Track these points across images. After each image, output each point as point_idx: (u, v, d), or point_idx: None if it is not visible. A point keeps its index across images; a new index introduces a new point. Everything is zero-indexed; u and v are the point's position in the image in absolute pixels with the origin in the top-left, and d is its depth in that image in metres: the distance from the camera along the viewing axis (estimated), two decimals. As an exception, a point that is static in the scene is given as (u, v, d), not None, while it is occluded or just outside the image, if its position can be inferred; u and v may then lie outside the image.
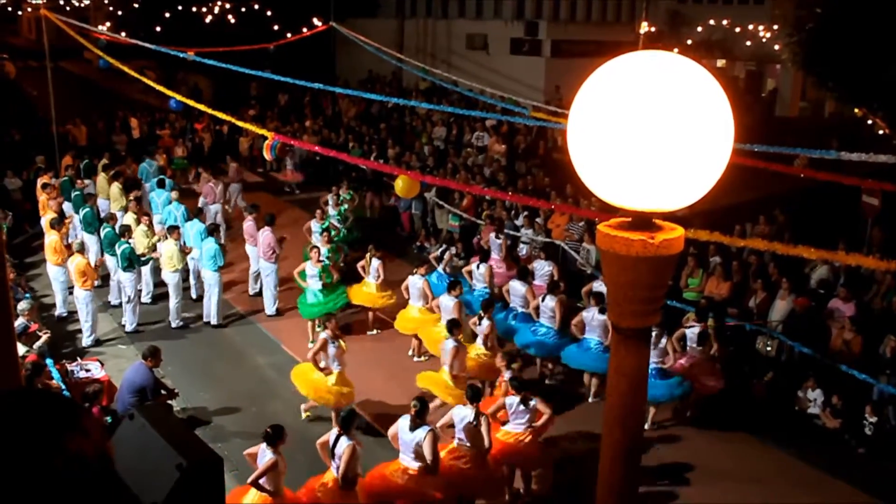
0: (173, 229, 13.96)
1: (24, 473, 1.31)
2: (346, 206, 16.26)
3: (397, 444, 8.43)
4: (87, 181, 17.77)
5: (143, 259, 13.73)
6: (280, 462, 7.71)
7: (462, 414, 8.53)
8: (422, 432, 8.10)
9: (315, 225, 15.01)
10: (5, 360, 3.80)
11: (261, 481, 7.69)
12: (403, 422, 8.33)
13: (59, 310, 14.05)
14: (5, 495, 1.28)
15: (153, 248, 14.03)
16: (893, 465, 10.15)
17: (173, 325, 13.77)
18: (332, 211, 15.74)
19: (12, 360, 3.87)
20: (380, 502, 8.31)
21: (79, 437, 1.42)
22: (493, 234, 14.91)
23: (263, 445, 7.76)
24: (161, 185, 17.04)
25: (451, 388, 10.12)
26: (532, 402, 8.98)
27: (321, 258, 12.97)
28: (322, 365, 10.28)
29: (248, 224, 14.98)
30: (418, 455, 8.18)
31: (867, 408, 10.75)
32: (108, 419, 8.76)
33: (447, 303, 11.65)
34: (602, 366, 11.00)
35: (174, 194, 15.95)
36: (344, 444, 7.86)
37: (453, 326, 10.42)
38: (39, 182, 17.19)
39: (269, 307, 14.43)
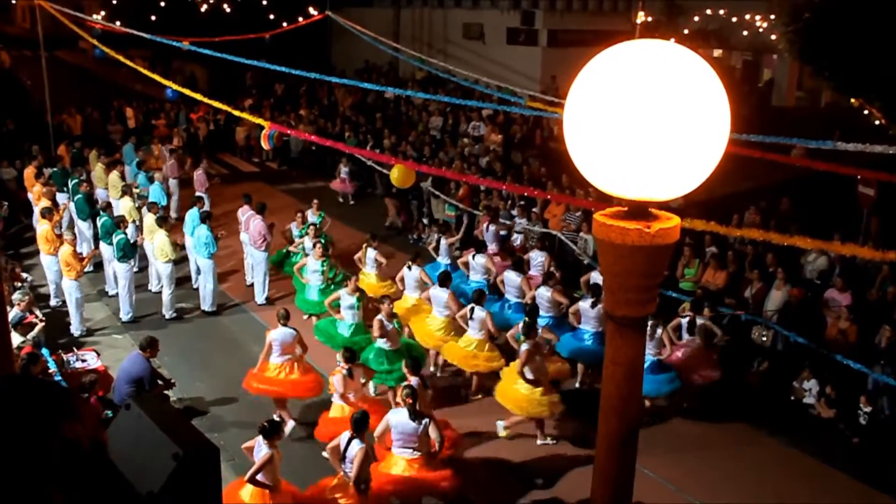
0: (164, 220, 13.98)
1: (21, 458, 1.31)
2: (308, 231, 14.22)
3: (386, 442, 8.32)
4: (79, 169, 17.76)
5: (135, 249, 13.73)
6: (276, 456, 7.70)
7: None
8: (423, 420, 8.15)
9: (295, 229, 14.73)
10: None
11: (258, 476, 7.67)
12: (397, 416, 8.29)
13: (53, 299, 14.06)
14: (3, 479, 1.29)
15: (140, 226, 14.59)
16: (887, 455, 10.18)
17: (167, 315, 13.77)
18: (295, 231, 14.73)
19: (6, 350, 3.87)
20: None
21: (73, 424, 1.42)
22: (486, 225, 14.91)
23: (259, 439, 7.75)
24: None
25: (529, 401, 10.04)
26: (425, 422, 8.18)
27: (323, 253, 12.94)
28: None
29: (248, 214, 15.00)
30: (422, 443, 8.19)
31: (862, 398, 10.78)
32: (109, 413, 8.75)
33: (439, 295, 11.65)
34: (594, 357, 11.04)
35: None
36: (356, 448, 7.73)
37: (529, 329, 10.11)
38: (27, 172, 17.18)
39: (259, 296, 14.45)
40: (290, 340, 10.26)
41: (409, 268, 12.47)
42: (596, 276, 12.42)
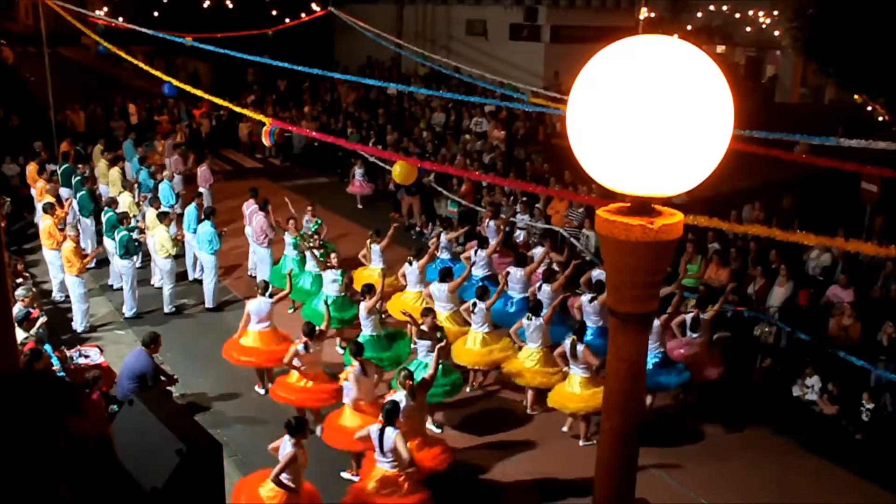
0: (164, 216, 14.01)
1: (28, 452, 1.32)
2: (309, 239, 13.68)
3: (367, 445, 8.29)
4: (82, 165, 17.79)
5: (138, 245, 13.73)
6: (300, 455, 7.65)
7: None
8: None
9: (288, 237, 13.74)
10: (3, 345, 3.80)
11: (282, 476, 7.60)
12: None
13: (56, 294, 14.12)
14: (12, 473, 1.29)
15: (142, 224, 14.45)
16: (890, 451, 10.17)
17: (166, 310, 13.81)
18: (289, 239, 13.76)
19: (11, 346, 3.87)
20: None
21: (79, 418, 1.43)
22: (488, 220, 14.91)
23: (286, 437, 7.71)
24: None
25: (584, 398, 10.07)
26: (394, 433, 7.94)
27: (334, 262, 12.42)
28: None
29: (253, 208, 15.03)
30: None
31: (864, 394, 10.78)
32: (115, 407, 8.76)
33: (440, 291, 11.65)
34: (598, 351, 11.02)
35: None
36: (392, 435, 7.83)
37: (582, 332, 10.24)
38: (29, 168, 17.21)
39: None
40: (266, 309, 10.99)
41: (410, 263, 12.48)
42: (597, 274, 12.42)
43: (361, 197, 20.18)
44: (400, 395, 8.51)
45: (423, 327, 10.08)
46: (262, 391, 11.24)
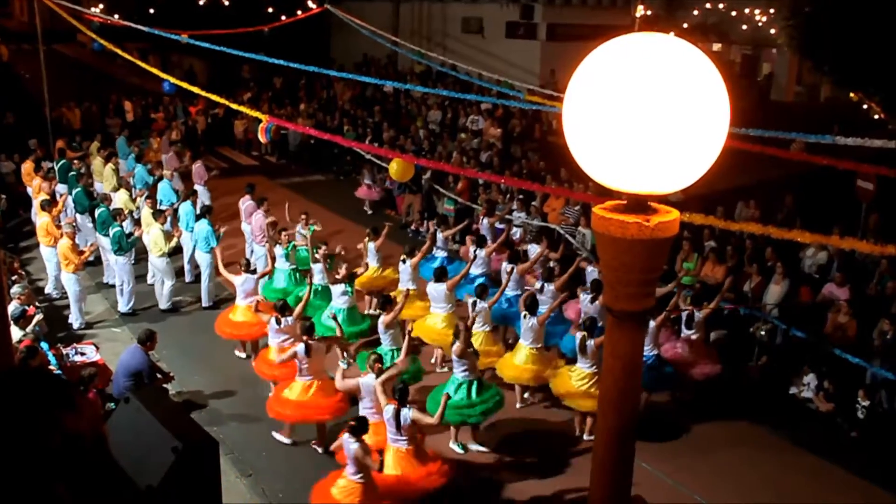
0: (159, 214, 14.00)
1: (23, 450, 1.31)
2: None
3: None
4: (77, 162, 17.78)
5: (131, 241, 13.69)
6: (365, 449, 7.82)
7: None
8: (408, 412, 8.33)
9: (279, 249, 13.28)
10: None
11: (352, 471, 7.83)
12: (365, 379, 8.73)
13: (51, 291, 14.12)
14: (7, 472, 1.29)
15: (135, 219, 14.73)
16: (886, 449, 10.20)
17: (161, 307, 13.80)
18: (280, 250, 13.24)
19: (6, 344, 3.87)
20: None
21: (74, 416, 1.43)
22: (484, 218, 14.90)
23: (346, 437, 7.83)
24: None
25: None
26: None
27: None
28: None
29: (248, 204, 15.03)
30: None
31: (860, 392, 10.80)
32: (112, 405, 8.76)
33: (437, 291, 11.65)
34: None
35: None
36: (409, 415, 8.21)
37: (592, 328, 10.19)
38: (25, 166, 17.18)
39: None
40: (250, 286, 11.75)
41: (403, 261, 12.47)
42: (591, 271, 12.45)
43: (370, 202, 19.81)
44: (370, 378, 8.71)
45: (384, 317, 10.34)
46: (242, 355, 12.07)
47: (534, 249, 13.53)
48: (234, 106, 14.54)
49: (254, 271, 11.95)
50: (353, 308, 11.91)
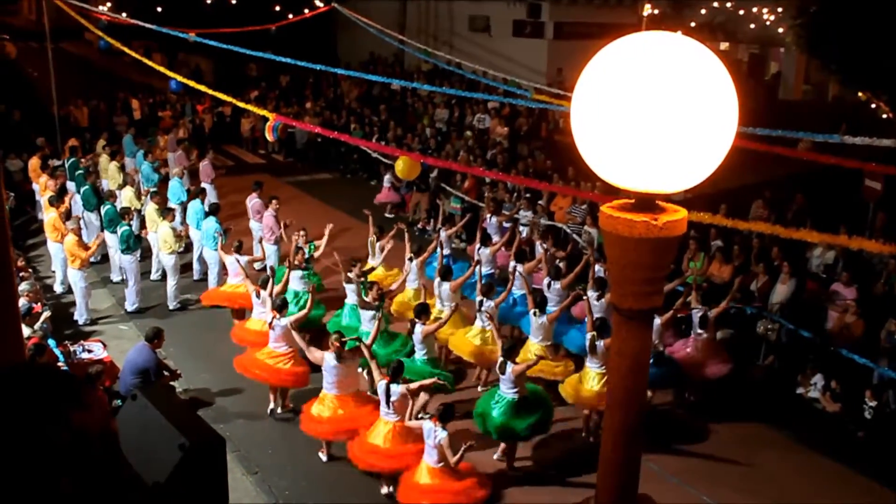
0: (168, 211, 14.03)
1: (30, 445, 1.32)
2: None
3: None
4: (84, 159, 17.81)
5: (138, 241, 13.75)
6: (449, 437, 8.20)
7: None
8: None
9: (298, 273, 12.42)
10: (10, 339, 3.81)
11: (434, 459, 8.24)
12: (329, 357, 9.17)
13: (58, 286, 14.18)
14: (14, 467, 1.29)
15: (140, 216, 14.92)
16: (892, 449, 10.16)
17: (170, 306, 13.82)
18: (298, 273, 12.47)
19: (17, 340, 3.88)
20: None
21: (82, 412, 1.43)
22: (490, 217, 14.90)
23: (430, 423, 8.19)
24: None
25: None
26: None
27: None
28: None
29: (256, 202, 15.03)
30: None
31: (867, 392, 10.77)
32: (119, 402, 8.77)
33: (442, 288, 11.63)
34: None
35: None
36: (397, 391, 8.65)
37: (603, 330, 10.12)
38: (32, 163, 17.22)
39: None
40: (236, 268, 12.33)
41: (410, 260, 12.46)
42: (598, 271, 12.42)
43: (391, 205, 19.23)
44: (329, 356, 9.28)
45: (366, 297, 10.71)
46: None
47: (540, 249, 13.51)
48: (241, 104, 14.56)
49: (239, 256, 12.39)
50: (385, 331, 11.13)
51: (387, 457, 8.72)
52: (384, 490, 9.02)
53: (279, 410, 10.67)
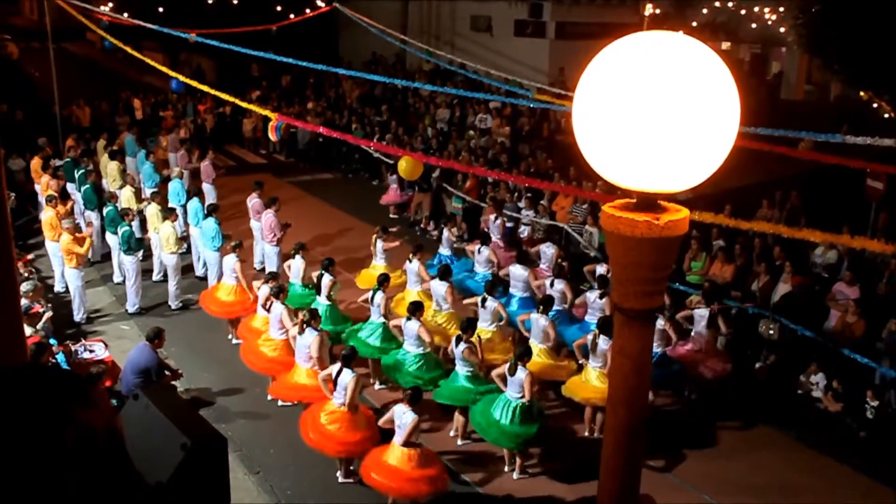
0: (171, 212, 14.04)
1: (37, 443, 1.32)
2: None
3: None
4: (86, 159, 17.83)
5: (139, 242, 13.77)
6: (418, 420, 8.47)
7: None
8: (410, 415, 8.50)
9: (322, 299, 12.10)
10: (12, 339, 3.81)
11: (401, 440, 8.43)
12: (399, 408, 8.57)
13: (57, 285, 14.20)
14: (23, 466, 1.30)
15: (140, 213, 15.01)
16: (894, 449, 10.15)
17: (172, 306, 13.84)
18: (323, 300, 11.81)
19: (20, 340, 3.88)
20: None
21: (88, 410, 1.43)
22: (491, 217, 14.89)
23: (401, 407, 8.47)
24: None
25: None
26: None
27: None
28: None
29: (255, 201, 15.05)
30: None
31: (869, 392, 10.76)
32: (115, 402, 8.79)
33: (438, 288, 11.62)
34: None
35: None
36: (348, 376, 8.89)
37: (607, 328, 10.04)
38: (33, 163, 17.24)
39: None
40: (231, 266, 12.44)
41: (410, 261, 12.44)
42: (600, 269, 12.41)
43: (396, 206, 19.13)
44: (294, 332, 9.96)
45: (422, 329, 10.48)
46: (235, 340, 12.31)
47: (544, 250, 13.50)
48: (243, 104, 14.56)
49: (236, 255, 12.46)
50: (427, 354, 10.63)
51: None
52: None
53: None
